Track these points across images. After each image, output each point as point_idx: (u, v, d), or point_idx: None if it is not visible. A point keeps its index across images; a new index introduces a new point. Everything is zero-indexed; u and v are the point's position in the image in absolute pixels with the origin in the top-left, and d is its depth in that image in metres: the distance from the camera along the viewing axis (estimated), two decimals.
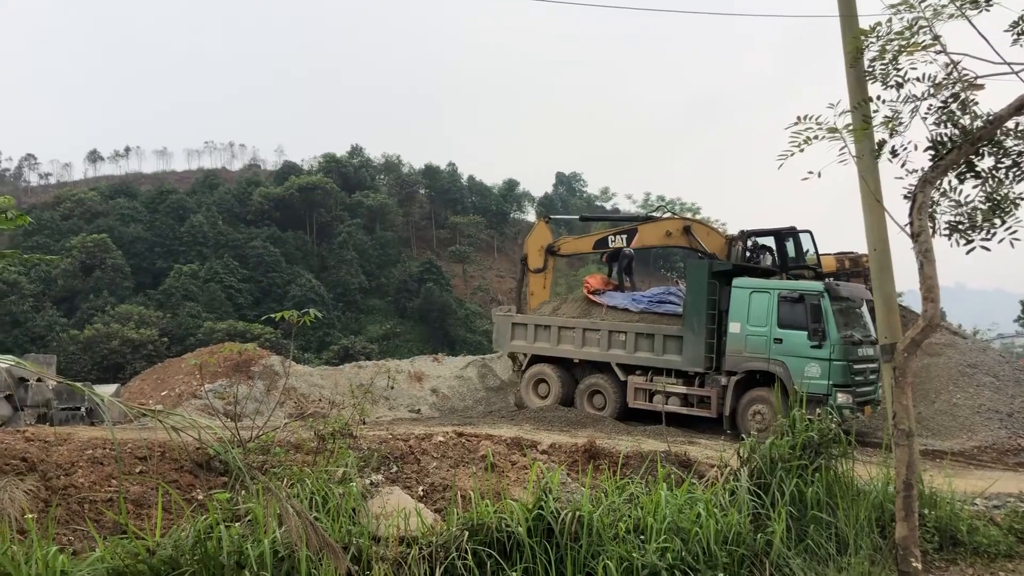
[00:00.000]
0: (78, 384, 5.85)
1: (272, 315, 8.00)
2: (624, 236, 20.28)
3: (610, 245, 20.66)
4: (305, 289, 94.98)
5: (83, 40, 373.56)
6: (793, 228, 19.43)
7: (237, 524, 5.24)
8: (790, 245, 19.33)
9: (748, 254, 19.11)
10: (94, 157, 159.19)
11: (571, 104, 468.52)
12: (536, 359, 19.80)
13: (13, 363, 5.82)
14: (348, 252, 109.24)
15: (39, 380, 14.99)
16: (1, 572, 4.27)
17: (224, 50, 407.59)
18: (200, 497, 6.53)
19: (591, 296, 19.87)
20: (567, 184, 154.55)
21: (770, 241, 19.51)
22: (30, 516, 5.18)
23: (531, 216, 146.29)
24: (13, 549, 4.54)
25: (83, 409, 15.72)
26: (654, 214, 25.21)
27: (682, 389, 17.31)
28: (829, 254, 22.01)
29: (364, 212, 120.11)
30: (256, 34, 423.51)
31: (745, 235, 19.76)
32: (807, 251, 19.72)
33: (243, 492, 5.94)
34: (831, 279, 17.60)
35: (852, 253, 21.21)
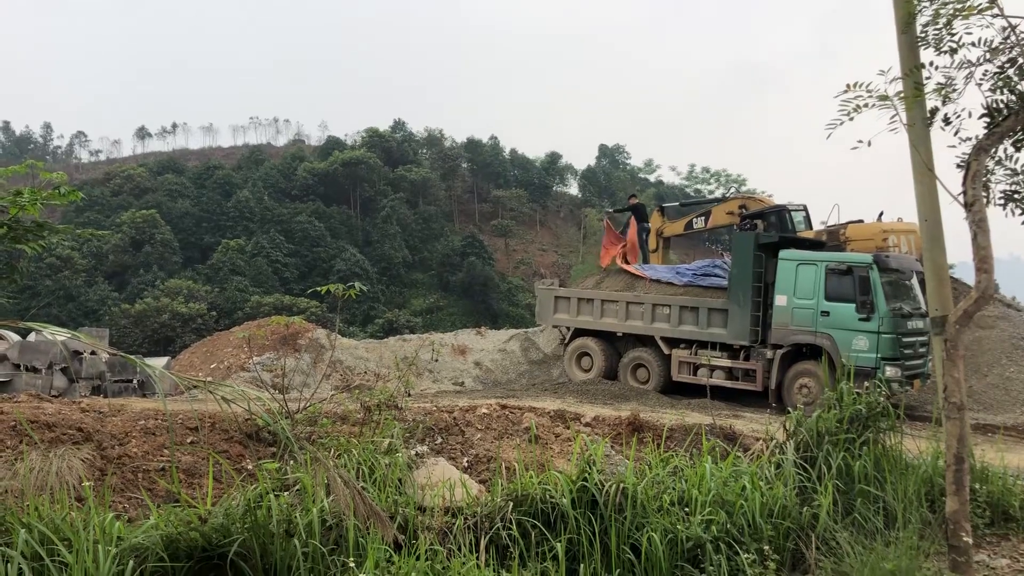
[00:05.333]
0: (131, 356, 5.97)
1: (318, 289, 8.09)
2: (703, 218, 21.90)
3: (694, 227, 22.47)
4: (350, 263, 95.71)
5: (131, 15, 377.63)
6: (781, 207, 19.96)
7: (286, 493, 5.32)
8: (776, 223, 19.63)
9: None
10: (142, 134, 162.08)
11: (610, 76, 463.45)
12: (579, 332, 19.81)
13: (69, 336, 5.95)
14: (392, 226, 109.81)
15: (93, 353, 15.38)
16: (61, 537, 4.40)
17: (267, 25, 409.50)
18: (250, 467, 6.65)
19: (634, 269, 19.82)
20: (610, 156, 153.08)
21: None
22: (87, 484, 5.32)
23: (574, 189, 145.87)
24: (72, 515, 4.68)
25: (135, 381, 16.13)
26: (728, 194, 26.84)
27: (727, 362, 17.17)
28: (836, 225, 21.75)
29: (407, 186, 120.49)
30: (300, 9, 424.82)
31: (742, 218, 20.27)
32: (795, 227, 19.85)
33: (291, 462, 6.03)
34: None
35: (833, 226, 20.94)
